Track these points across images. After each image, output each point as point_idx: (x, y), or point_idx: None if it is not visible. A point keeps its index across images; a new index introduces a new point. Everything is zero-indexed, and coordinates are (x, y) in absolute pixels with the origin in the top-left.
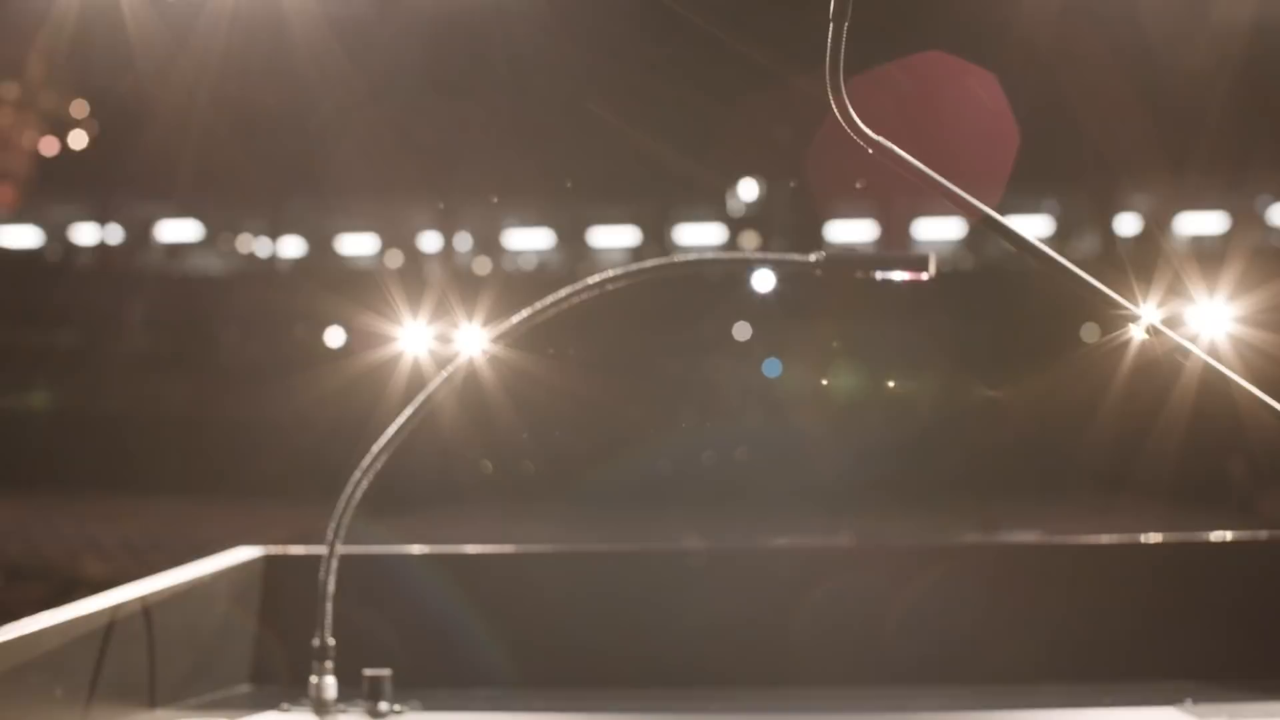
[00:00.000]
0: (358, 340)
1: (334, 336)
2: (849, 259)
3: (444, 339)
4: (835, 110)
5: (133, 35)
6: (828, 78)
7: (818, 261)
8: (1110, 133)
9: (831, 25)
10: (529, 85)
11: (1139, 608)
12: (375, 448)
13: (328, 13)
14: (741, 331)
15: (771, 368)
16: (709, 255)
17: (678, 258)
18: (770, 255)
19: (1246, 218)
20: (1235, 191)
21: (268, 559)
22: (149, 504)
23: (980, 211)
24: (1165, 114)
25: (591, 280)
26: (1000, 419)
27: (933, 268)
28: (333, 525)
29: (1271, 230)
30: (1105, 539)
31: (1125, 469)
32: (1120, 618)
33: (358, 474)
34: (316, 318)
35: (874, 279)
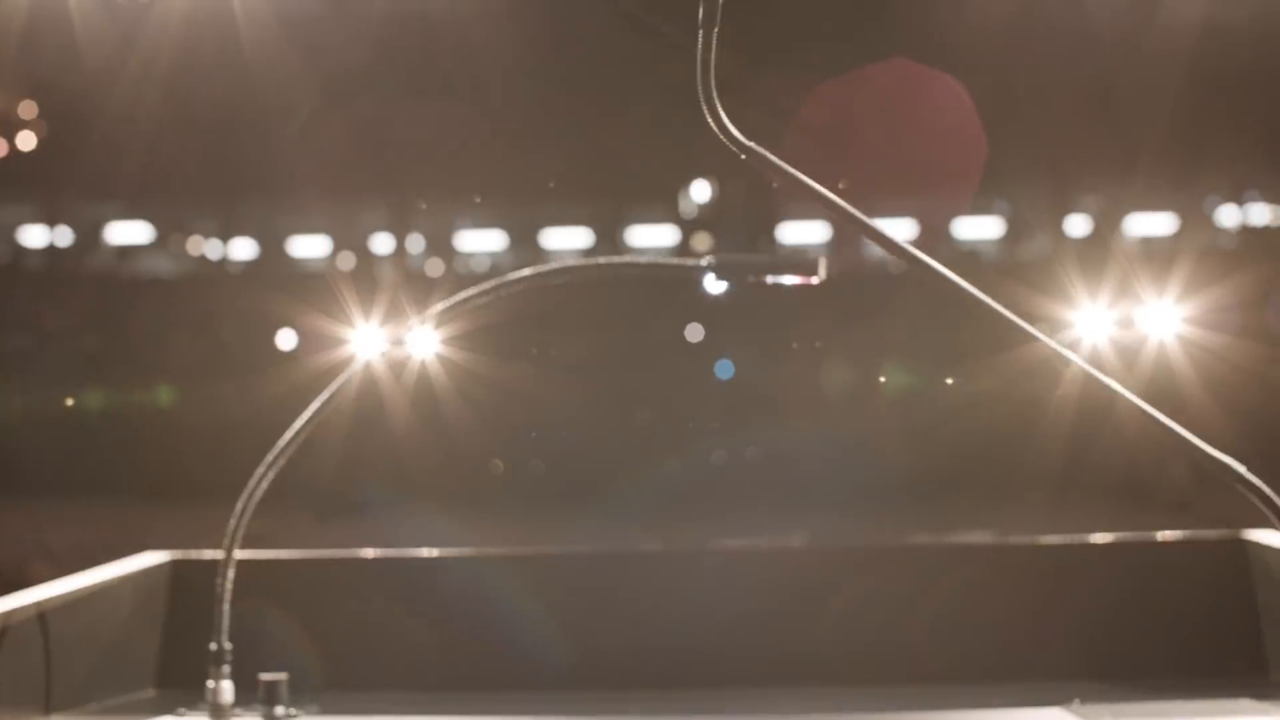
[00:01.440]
0: (309, 343)
1: (285, 339)
2: (738, 263)
3: (394, 341)
4: (708, 117)
5: (80, 34)
6: (699, 84)
7: (708, 266)
8: (1059, 135)
9: (700, 32)
10: (482, 86)
11: (1032, 609)
12: (278, 445)
13: (279, 12)
14: (695, 333)
15: (724, 369)
16: (599, 260)
17: (563, 263)
18: (661, 260)
19: (1196, 219)
20: (1184, 193)
21: (174, 563)
22: (101, 506)
23: (855, 218)
24: (1114, 115)
25: (469, 292)
26: (947, 418)
27: (822, 272)
28: (231, 528)
29: (1220, 231)
30: (996, 541)
31: (1074, 469)
32: (1013, 618)
33: (258, 474)
34: (268, 320)
35: (764, 283)
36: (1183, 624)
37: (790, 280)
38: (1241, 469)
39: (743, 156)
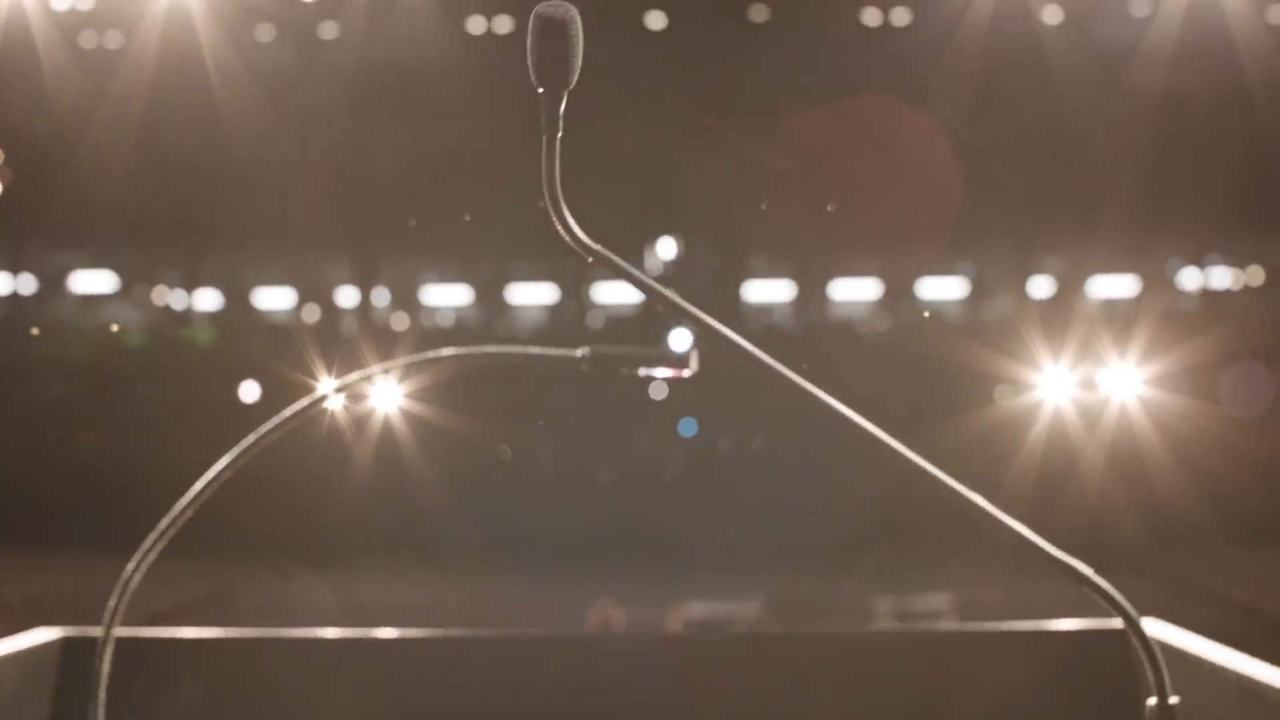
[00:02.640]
0: (273, 394)
1: (249, 390)
2: (613, 356)
3: (359, 396)
4: (555, 220)
5: (50, 83)
6: (545, 187)
7: (583, 358)
8: (1023, 197)
9: (544, 137)
10: (449, 140)
11: (915, 697)
12: (175, 509)
13: (250, 63)
14: (659, 390)
15: (687, 427)
16: (485, 349)
17: (453, 352)
18: (538, 351)
19: (1157, 282)
20: (1146, 256)
21: (66, 640)
22: (61, 559)
23: (701, 322)
24: (1077, 179)
25: (348, 379)
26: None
27: (694, 364)
28: (111, 605)
29: (1182, 294)
30: (882, 629)
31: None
32: (891, 707)
33: (144, 548)
34: (232, 370)
35: (637, 375)
36: (1068, 716)
37: (662, 373)
38: (1087, 570)
39: (589, 259)
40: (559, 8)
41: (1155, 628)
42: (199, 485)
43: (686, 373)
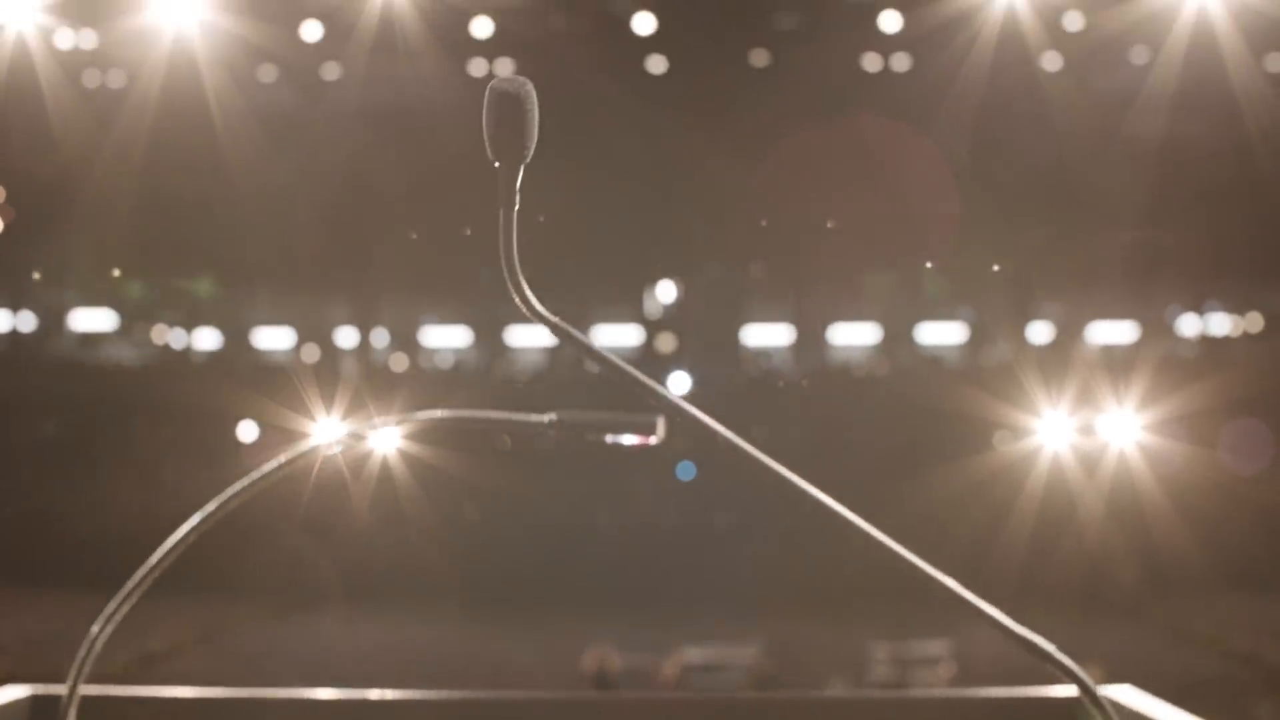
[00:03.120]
0: (271, 434)
1: (247, 430)
2: (580, 422)
3: (357, 436)
4: (513, 293)
5: (53, 122)
6: (502, 260)
7: (550, 423)
8: (1023, 244)
9: (501, 210)
10: (450, 181)
11: None
12: (143, 568)
13: (253, 104)
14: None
15: (685, 471)
16: (454, 413)
17: (423, 416)
18: (504, 416)
19: (1156, 328)
20: (1146, 302)
21: (34, 699)
22: (54, 597)
23: (671, 403)
24: (1077, 225)
25: (305, 447)
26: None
27: (661, 431)
28: (79, 657)
29: (1181, 341)
30: (824, 695)
31: (1036, 573)
32: None
33: (109, 610)
34: (231, 410)
35: (604, 441)
36: None
37: (630, 440)
38: (1050, 647)
39: (548, 329)
40: (513, 82)
41: (1126, 694)
42: (169, 544)
43: (654, 440)
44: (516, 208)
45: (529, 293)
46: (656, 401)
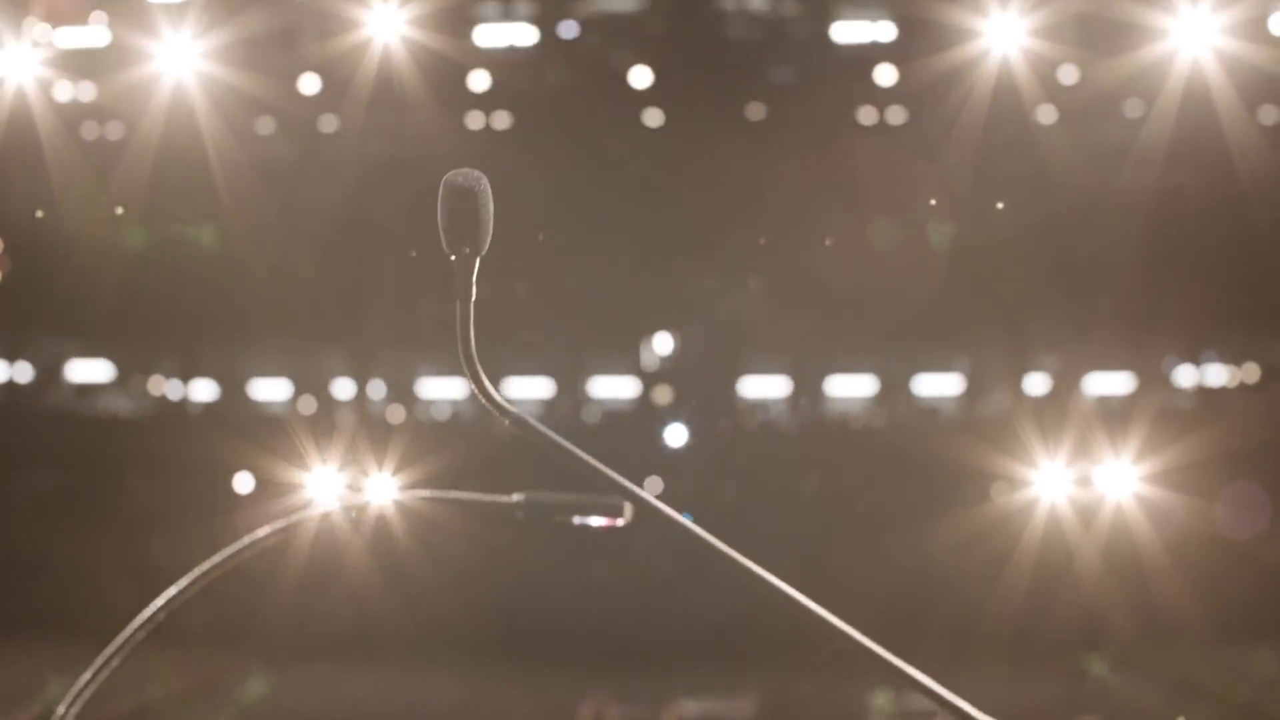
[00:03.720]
0: (267, 486)
1: (243, 482)
2: (547, 504)
3: (354, 487)
4: (471, 383)
5: (51, 173)
6: (460, 351)
7: (518, 505)
8: (1018, 293)
9: (458, 303)
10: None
11: None
12: (116, 640)
13: (251, 156)
14: (655, 485)
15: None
16: (420, 493)
17: (394, 495)
18: (471, 497)
19: (1153, 379)
20: (1142, 352)
21: None
22: (48, 649)
23: (631, 493)
24: (1073, 274)
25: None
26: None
27: (628, 514)
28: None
29: (1178, 392)
30: None
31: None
32: None
33: (78, 687)
34: (226, 462)
35: (572, 523)
36: None
37: (597, 521)
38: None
39: (505, 422)
40: (467, 176)
41: None
42: (143, 615)
43: (620, 522)
44: (473, 299)
45: (486, 383)
46: (620, 491)
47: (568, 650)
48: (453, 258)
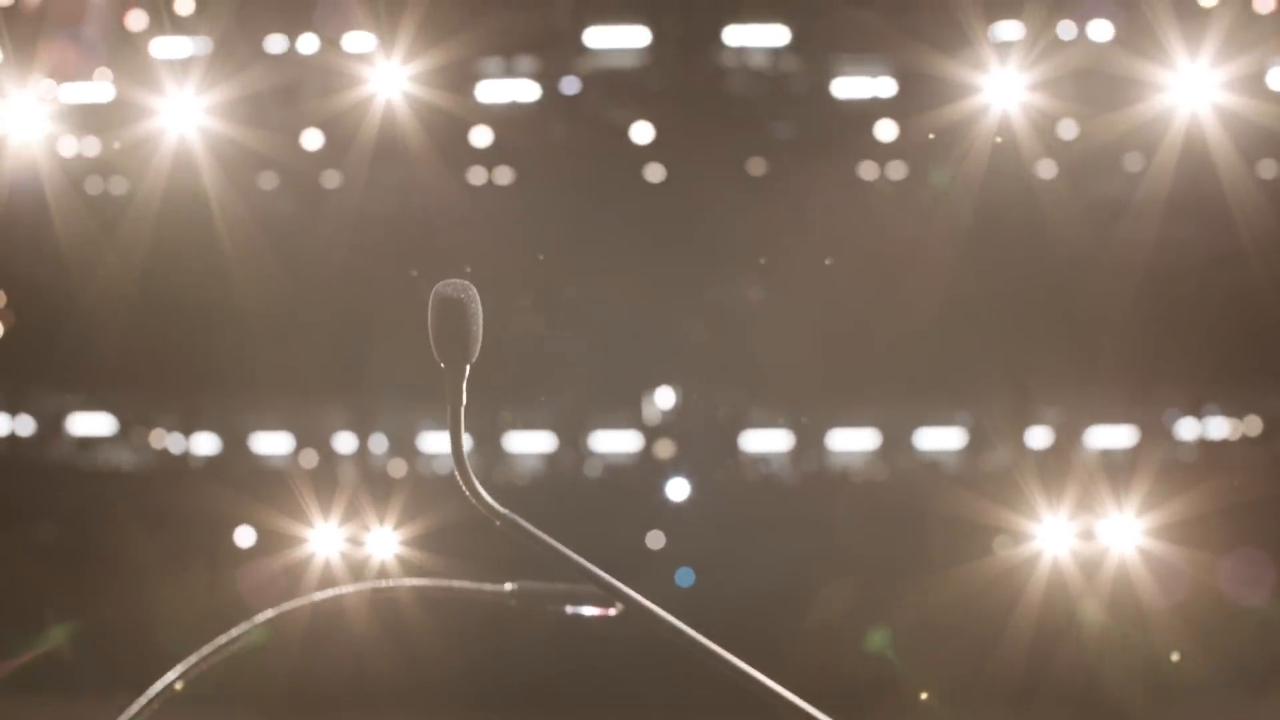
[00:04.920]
0: (268, 541)
1: (244, 536)
2: (540, 594)
3: (354, 542)
4: (464, 488)
5: (56, 227)
6: (452, 456)
7: (511, 594)
8: (1020, 347)
9: (449, 410)
10: (449, 286)
11: None
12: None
13: (254, 209)
14: (656, 540)
15: (684, 577)
16: (412, 582)
17: (383, 584)
18: (464, 585)
19: (1155, 432)
20: (1144, 406)
21: None
22: (42, 705)
23: (619, 593)
24: (1074, 328)
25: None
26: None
27: (620, 605)
28: None
29: (1180, 445)
30: None
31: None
32: None
33: None
34: (228, 515)
35: (564, 613)
36: None
37: (590, 611)
38: None
39: (497, 523)
40: (457, 287)
41: None
42: (140, 701)
43: (613, 612)
44: (464, 405)
45: (479, 487)
46: (619, 597)
47: (574, 703)
48: (443, 365)
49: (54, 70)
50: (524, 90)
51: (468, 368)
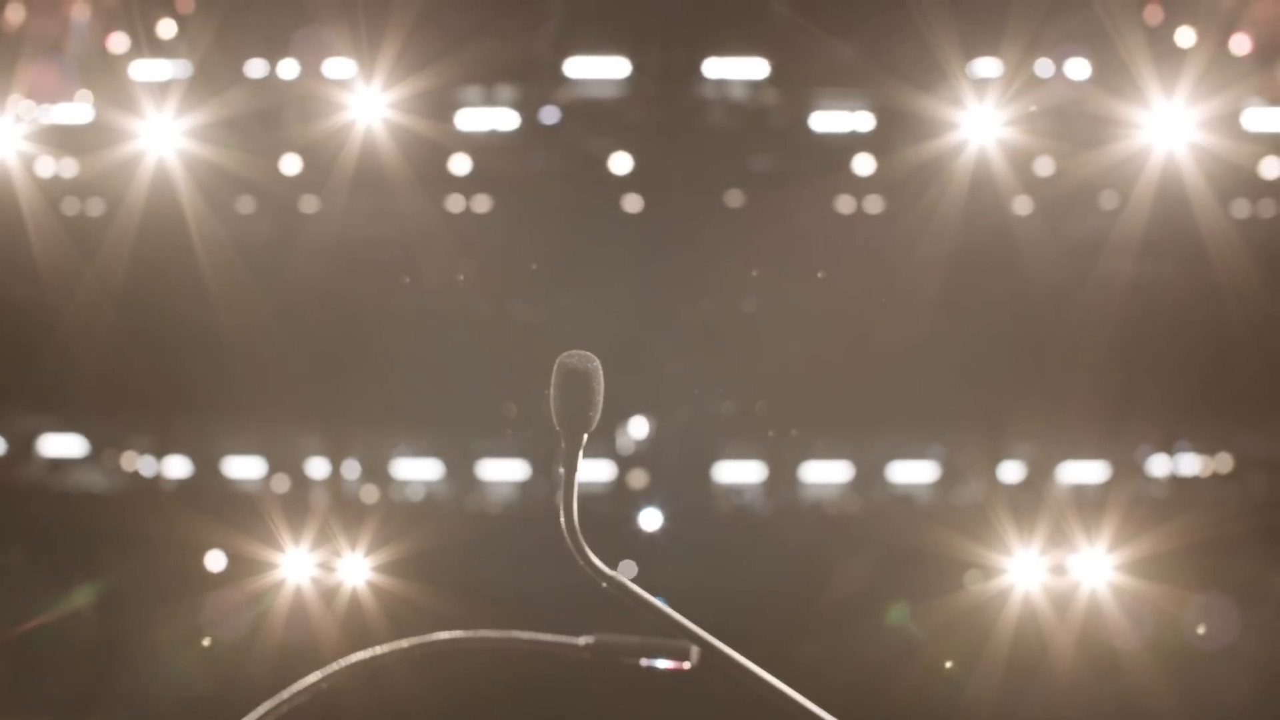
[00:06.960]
0: (239, 566)
1: (215, 560)
2: (616, 646)
3: (326, 566)
4: (575, 553)
5: (34, 249)
6: (563, 521)
7: (586, 646)
8: (993, 382)
9: (563, 475)
10: (425, 314)
11: None
12: None
13: (233, 235)
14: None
15: None
16: (480, 634)
17: (446, 636)
18: (534, 637)
19: (1126, 468)
20: (1116, 442)
21: None
22: None
23: (710, 646)
24: (1047, 364)
25: (308, 682)
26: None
27: (694, 658)
28: None
29: (1151, 481)
30: None
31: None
32: None
33: None
34: (198, 540)
35: (639, 666)
36: None
37: (664, 664)
38: None
39: (603, 585)
40: (581, 358)
41: None
42: None
43: (688, 665)
44: (577, 473)
45: (589, 552)
46: (708, 650)
47: None
48: (561, 434)
49: (33, 91)
50: (503, 119)
51: (585, 436)
